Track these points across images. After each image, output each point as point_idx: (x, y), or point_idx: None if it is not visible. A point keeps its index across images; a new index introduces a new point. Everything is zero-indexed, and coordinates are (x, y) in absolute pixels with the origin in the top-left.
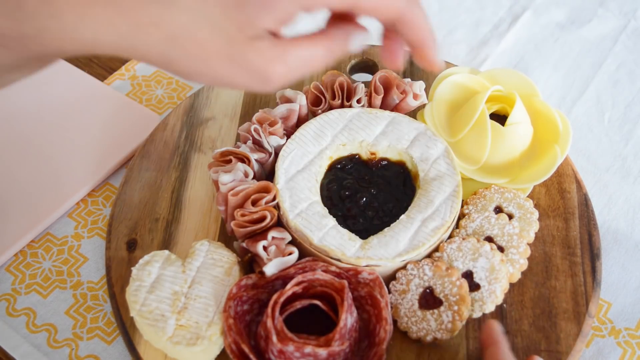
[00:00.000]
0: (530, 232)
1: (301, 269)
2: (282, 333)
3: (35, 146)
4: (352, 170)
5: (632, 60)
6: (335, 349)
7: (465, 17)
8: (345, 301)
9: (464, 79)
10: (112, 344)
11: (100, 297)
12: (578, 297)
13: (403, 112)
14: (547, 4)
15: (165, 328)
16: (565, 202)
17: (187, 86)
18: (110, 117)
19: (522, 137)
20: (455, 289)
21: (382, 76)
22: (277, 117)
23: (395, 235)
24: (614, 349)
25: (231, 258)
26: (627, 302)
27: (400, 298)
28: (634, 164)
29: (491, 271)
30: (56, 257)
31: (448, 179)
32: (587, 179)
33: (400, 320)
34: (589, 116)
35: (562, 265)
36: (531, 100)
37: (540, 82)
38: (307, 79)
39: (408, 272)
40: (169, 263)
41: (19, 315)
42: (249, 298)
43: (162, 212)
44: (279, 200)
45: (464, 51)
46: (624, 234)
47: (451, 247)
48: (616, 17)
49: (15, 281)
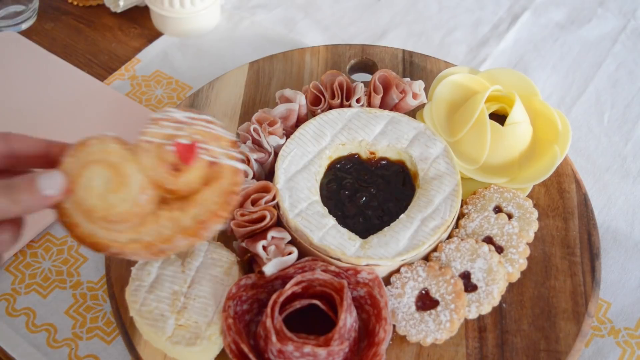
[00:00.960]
0: (530, 231)
1: (300, 268)
2: (281, 333)
3: None
4: (351, 170)
5: (631, 60)
6: (334, 348)
7: (465, 17)
8: (344, 301)
9: (463, 79)
10: (112, 343)
11: (99, 297)
12: (577, 297)
13: (402, 111)
14: (547, 4)
15: (165, 328)
16: (565, 202)
17: (187, 86)
18: (110, 117)
19: (521, 137)
20: (450, 287)
21: (381, 76)
22: (277, 117)
23: (395, 235)
24: (614, 348)
25: (230, 258)
26: (626, 302)
27: (397, 302)
28: (634, 164)
29: (489, 272)
30: (56, 257)
31: (447, 178)
32: (586, 178)
33: (399, 324)
34: (589, 116)
35: (561, 265)
36: (531, 100)
37: (539, 82)
38: (306, 79)
39: (402, 275)
40: (169, 263)
41: (19, 315)
42: (249, 298)
43: None
44: (278, 200)
45: (464, 51)
46: (624, 234)
47: (449, 247)
48: (616, 17)
49: (15, 281)
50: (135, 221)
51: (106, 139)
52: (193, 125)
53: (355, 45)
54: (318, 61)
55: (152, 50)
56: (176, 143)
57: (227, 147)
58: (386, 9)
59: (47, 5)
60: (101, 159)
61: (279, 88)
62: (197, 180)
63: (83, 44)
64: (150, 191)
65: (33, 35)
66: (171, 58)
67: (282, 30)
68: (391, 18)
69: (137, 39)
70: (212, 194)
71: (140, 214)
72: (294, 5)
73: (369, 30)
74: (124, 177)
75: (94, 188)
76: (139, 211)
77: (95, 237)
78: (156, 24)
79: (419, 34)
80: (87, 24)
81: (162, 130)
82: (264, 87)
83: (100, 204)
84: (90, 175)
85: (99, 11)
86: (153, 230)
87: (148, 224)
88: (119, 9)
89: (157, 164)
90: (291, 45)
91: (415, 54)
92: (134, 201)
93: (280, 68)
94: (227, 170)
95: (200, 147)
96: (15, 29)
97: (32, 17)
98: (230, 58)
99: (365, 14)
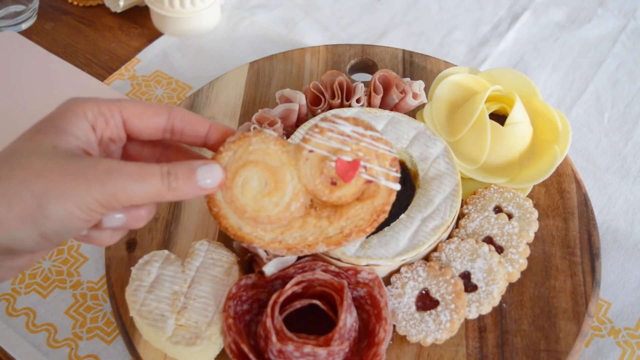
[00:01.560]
0: (530, 231)
1: (300, 268)
2: (281, 333)
3: None
4: None
5: (631, 60)
6: (334, 348)
7: (465, 17)
8: (344, 301)
9: (463, 79)
10: (112, 343)
11: (100, 297)
12: (577, 297)
13: (402, 111)
14: (547, 3)
15: (165, 328)
16: (565, 202)
17: (187, 86)
18: None
19: (521, 137)
20: (450, 287)
21: (381, 76)
22: (277, 117)
23: (395, 235)
24: (614, 348)
25: (231, 258)
26: (626, 302)
27: (397, 302)
28: (634, 163)
29: (489, 272)
30: (56, 256)
31: (448, 178)
32: (586, 178)
33: (399, 324)
34: (589, 116)
35: (561, 265)
36: (531, 100)
37: (540, 82)
38: (306, 79)
39: (402, 276)
40: (169, 263)
41: (19, 315)
42: (249, 298)
43: (162, 212)
44: None
45: (464, 51)
46: (624, 234)
47: (449, 247)
48: (616, 17)
49: (14, 281)
50: (282, 224)
51: (268, 139)
52: (359, 140)
53: (356, 45)
54: (318, 61)
55: (152, 50)
56: (338, 160)
57: (388, 167)
58: (386, 9)
59: (47, 5)
60: (261, 161)
61: (279, 88)
62: (351, 197)
63: (83, 44)
64: (303, 199)
65: (33, 35)
66: (171, 58)
67: (282, 30)
68: (391, 18)
69: (137, 39)
70: (362, 211)
71: (289, 218)
72: (294, 5)
73: (369, 30)
74: (281, 183)
75: (250, 189)
76: (288, 216)
77: (241, 231)
78: (156, 24)
79: (419, 34)
80: (87, 24)
81: (326, 142)
82: (264, 87)
83: (252, 205)
84: (248, 176)
85: (99, 11)
86: (298, 235)
87: (294, 228)
88: (119, 9)
89: (315, 176)
90: (291, 45)
91: (415, 54)
92: (285, 207)
93: (280, 68)
94: (383, 190)
95: (362, 165)
96: (15, 29)
97: (32, 17)
98: (230, 58)
99: (365, 14)
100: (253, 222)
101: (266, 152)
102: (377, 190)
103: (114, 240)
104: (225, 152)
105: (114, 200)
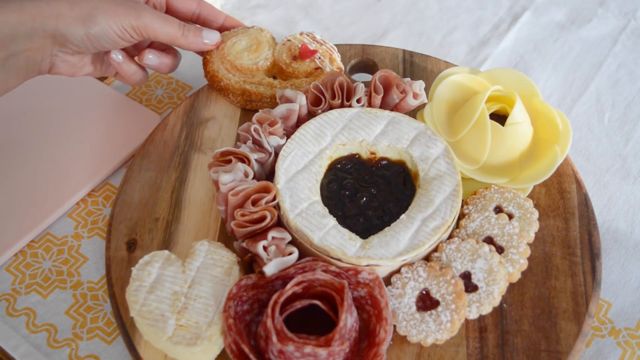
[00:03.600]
0: (530, 232)
1: (301, 269)
2: (282, 333)
3: (36, 146)
4: (352, 170)
5: (632, 60)
6: (335, 348)
7: (465, 17)
8: (345, 301)
9: (463, 79)
10: (112, 344)
11: (100, 297)
12: (578, 297)
13: (403, 111)
14: (547, 4)
15: (165, 328)
16: (565, 202)
17: (187, 86)
18: (110, 117)
19: (522, 137)
20: (450, 288)
21: (382, 76)
22: (277, 117)
23: (395, 235)
24: (614, 349)
25: (231, 258)
26: (627, 302)
27: (397, 302)
28: (634, 164)
29: (489, 273)
30: (56, 257)
31: (448, 179)
32: (587, 179)
33: (399, 324)
34: (589, 116)
35: (562, 265)
36: (531, 100)
37: (540, 82)
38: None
39: (403, 276)
40: (169, 263)
41: (19, 315)
42: (249, 298)
43: (162, 212)
44: (279, 200)
45: (464, 51)
46: (624, 234)
47: (450, 247)
48: (616, 17)
49: (15, 281)
50: (247, 74)
51: (262, 30)
52: (323, 45)
53: (356, 45)
54: None
55: None
56: (304, 44)
57: (334, 65)
58: (386, 9)
59: None
60: (252, 35)
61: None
62: (302, 73)
63: None
64: (269, 63)
65: None
66: None
67: (283, 30)
68: (391, 18)
69: None
70: (305, 83)
71: (253, 71)
72: (294, 5)
73: (370, 30)
74: (261, 48)
75: (238, 45)
76: (254, 70)
77: (218, 73)
78: None
79: (419, 34)
80: None
81: (300, 38)
82: None
83: (234, 54)
84: (240, 39)
85: None
86: (255, 83)
87: (255, 80)
88: None
89: (284, 52)
90: None
91: (415, 54)
92: (255, 62)
93: None
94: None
95: (318, 56)
96: None
97: None
98: None
99: (366, 14)
100: (230, 66)
101: (259, 32)
102: (319, 75)
103: (136, 78)
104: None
105: (143, 29)
